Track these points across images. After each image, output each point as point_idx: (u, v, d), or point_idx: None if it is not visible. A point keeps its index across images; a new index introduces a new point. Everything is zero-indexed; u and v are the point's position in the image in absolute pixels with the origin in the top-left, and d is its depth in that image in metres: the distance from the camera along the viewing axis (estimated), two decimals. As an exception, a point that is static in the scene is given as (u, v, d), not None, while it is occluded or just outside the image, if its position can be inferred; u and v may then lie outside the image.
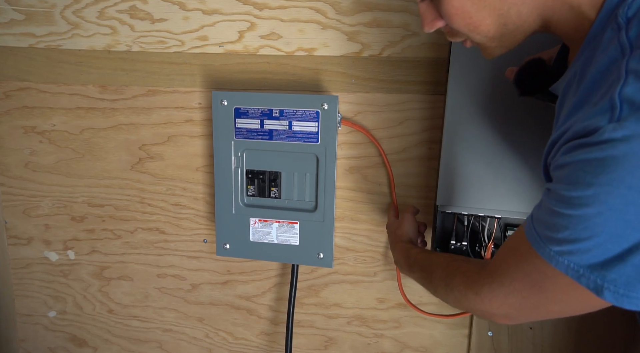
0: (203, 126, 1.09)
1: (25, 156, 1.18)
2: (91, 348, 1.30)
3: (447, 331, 1.10)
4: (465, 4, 0.56)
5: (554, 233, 0.48)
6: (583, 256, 0.46)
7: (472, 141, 0.87)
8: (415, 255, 0.81)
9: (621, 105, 0.43)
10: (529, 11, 0.55)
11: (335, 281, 1.12)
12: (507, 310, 0.58)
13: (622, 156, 0.42)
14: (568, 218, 0.46)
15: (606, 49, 0.49)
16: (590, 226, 0.45)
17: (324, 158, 0.97)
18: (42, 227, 1.23)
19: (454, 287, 0.65)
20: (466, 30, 0.58)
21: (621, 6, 0.49)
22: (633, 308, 0.47)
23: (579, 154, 0.45)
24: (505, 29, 0.57)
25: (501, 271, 0.57)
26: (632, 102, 0.43)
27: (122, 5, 1.04)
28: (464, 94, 0.86)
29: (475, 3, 0.55)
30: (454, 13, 0.57)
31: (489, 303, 0.59)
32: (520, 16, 0.55)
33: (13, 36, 1.10)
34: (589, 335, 1.03)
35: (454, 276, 0.66)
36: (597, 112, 0.45)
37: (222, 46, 1.03)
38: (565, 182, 0.46)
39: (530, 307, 0.55)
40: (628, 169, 0.42)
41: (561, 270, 0.48)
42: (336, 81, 1.01)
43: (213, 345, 1.23)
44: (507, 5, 0.55)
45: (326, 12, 0.97)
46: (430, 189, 1.02)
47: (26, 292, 1.29)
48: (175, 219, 1.16)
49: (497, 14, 0.55)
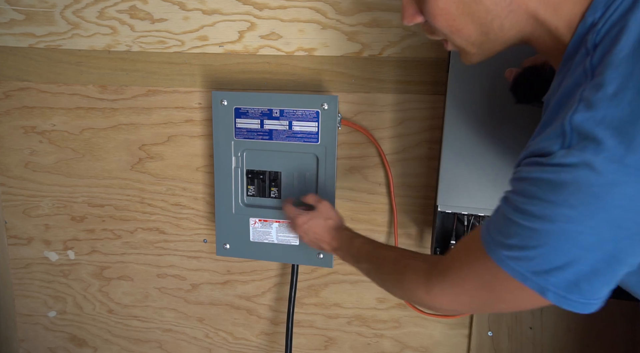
0: (203, 126, 1.09)
1: (25, 156, 1.19)
2: (91, 348, 1.30)
3: (447, 331, 1.10)
4: (450, 7, 0.56)
5: (506, 239, 0.51)
6: (529, 263, 0.50)
7: (472, 141, 0.87)
8: (360, 245, 0.81)
9: (571, 133, 0.46)
10: (511, 26, 0.56)
11: (335, 281, 1.12)
12: (456, 307, 0.61)
13: (569, 181, 0.45)
14: (519, 226, 0.50)
15: (574, 72, 0.51)
16: (537, 237, 0.48)
17: (324, 158, 0.97)
18: (42, 227, 1.23)
19: (404, 284, 0.67)
20: (447, 31, 0.59)
21: (591, 32, 0.50)
22: (572, 309, 0.51)
23: (535, 172, 0.48)
24: (486, 38, 0.57)
25: (454, 271, 0.60)
26: (579, 131, 0.46)
27: (122, 5, 1.04)
28: (464, 94, 0.86)
29: (460, 7, 0.55)
30: (438, 13, 0.57)
31: (439, 300, 0.62)
32: (502, 29, 0.56)
33: (13, 36, 1.10)
34: (589, 335, 1.03)
35: (404, 273, 0.68)
36: (552, 136, 0.48)
37: (222, 46, 1.03)
38: (521, 194, 0.50)
39: (480, 305, 0.59)
40: (572, 191, 0.45)
41: (509, 273, 0.51)
42: (336, 81, 1.01)
43: (213, 345, 1.23)
44: (491, 16, 0.55)
45: (326, 12, 0.97)
46: (430, 189, 1.02)
47: (26, 292, 1.29)
48: (175, 219, 1.16)
49: (480, 22, 0.56)
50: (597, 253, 0.47)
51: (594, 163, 0.44)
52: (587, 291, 0.50)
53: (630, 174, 0.43)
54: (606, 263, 0.48)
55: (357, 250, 0.81)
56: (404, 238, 1.06)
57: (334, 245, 0.86)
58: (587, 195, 0.45)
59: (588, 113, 0.45)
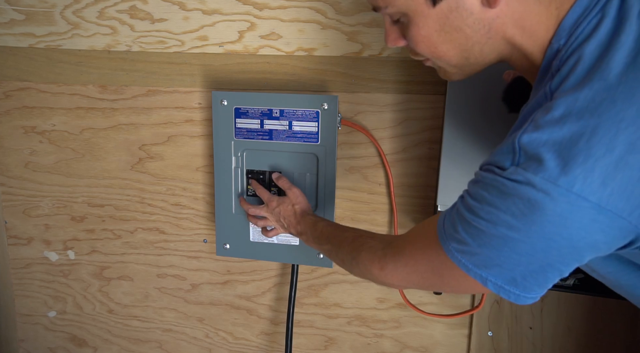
0: (203, 126, 1.09)
1: (25, 156, 1.19)
2: (91, 348, 1.30)
3: (447, 331, 1.10)
4: (432, 35, 0.58)
5: (456, 233, 0.56)
6: (473, 257, 0.55)
7: (472, 141, 0.87)
8: (322, 228, 0.85)
9: (519, 151, 0.50)
10: (490, 51, 0.59)
11: (335, 281, 1.12)
12: (406, 284, 0.67)
13: (513, 193, 0.50)
14: (468, 225, 0.54)
15: (538, 93, 0.54)
16: (481, 237, 0.53)
17: (324, 158, 0.97)
18: (42, 227, 1.23)
19: (360, 261, 0.72)
20: (429, 56, 0.62)
21: (556, 57, 0.53)
22: (508, 299, 0.56)
23: (489, 179, 0.52)
24: (466, 62, 0.60)
25: (408, 253, 0.65)
26: (525, 150, 0.49)
27: (122, 5, 1.04)
28: (464, 94, 0.86)
29: (441, 35, 0.58)
30: (420, 41, 0.60)
31: (391, 278, 0.67)
32: (482, 53, 0.59)
33: (13, 36, 1.10)
34: (589, 335, 1.03)
35: (360, 251, 0.73)
36: (505, 151, 0.52)
37: (222, 46, 1.03)
38: (474, 197, 0.54)
39: (428, 285, 0.66)
40: (515, 202, 0.50)
41: (455, 263, 0.57)
42: (336, 81, 1.01)
43: (213, 345, 1.23)
44: (472, 43, 0.58)
45: (326, 12, 0.97)
46: (430, 189, 1.02)
47: (26, 292, 1.29)
48: (175, 219, 1.16)
49: (461, 49, 0.59)
50: (531, 259, 0.52)
51: (534, 181, 0.48)
52: (522, 287, 0.55)
53: (561, 194, 0.47)
54: (539, 267, 0.53)
55: (320, 232, 0.85)
56: (404, 238, 1.06)
57: (299, 228, 0.90)
58: (526, 208, 0.49)
59: (535, 134, 0.49)
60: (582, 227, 0.48)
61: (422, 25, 0.58)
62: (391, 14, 0.61)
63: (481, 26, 0.56)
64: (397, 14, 0.60)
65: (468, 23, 0.56)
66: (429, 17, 0.57)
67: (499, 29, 0.56)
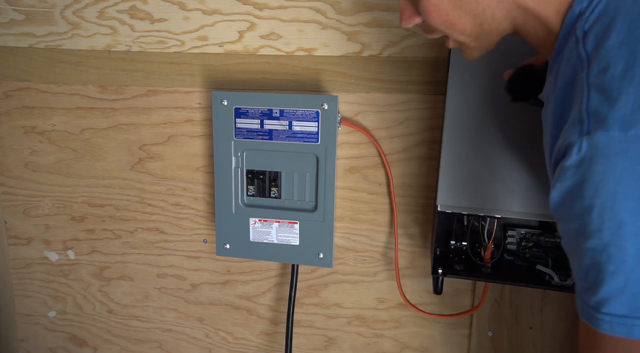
0: (203, 126, 1.09)
1: (25, 156, 1.19)
2: (91, 348, 1.30)
3: (447, 331, 1.10)
4: (442, 2, 0.58)
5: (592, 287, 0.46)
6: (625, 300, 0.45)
7: (472, 141, 0.87)
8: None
9: (588, 119, 0.47)
10: (502, 16, 0.58)
11: (335, 281, 1.12)
12: None
13: (598, 171, 0.46)
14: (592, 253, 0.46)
15: (568, 61, 0.52)
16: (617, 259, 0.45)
17: (324, 158, 0.97)
18: (42, 227, 1.23)
19: None
20: (443, 27, 0.60)
21: (579, 19, 0.51)
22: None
23: (561, 186, 0.48)
24: (481, 29, 0.59)
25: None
26: (596, 115, 0.47)
27: (122, 5, 1.04)
28: (464, 94, 0.86)
29: (452, 2, 0.57)
30: (432, 10, 0.59)
31: None
32: (494, 19, 0.58)
33: (13, 36, 1.10)
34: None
35: None
36: (570, 129, 0.49)
37: (222, 46, 1.03)
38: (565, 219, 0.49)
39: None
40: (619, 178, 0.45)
41: (613, 333, 0.45)
42: (336, 81, 1.01)
43: (213, 345, 1.23)
44: (482, 7, 0.57)
45: (326, 12, 0.97)
46: (430, 189, 1.02)
47: (26, 292, 1.29)
48: (175, 219, 1.16)
49: (472, 14, 0.58)
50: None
51: (604, 142, 0.45)
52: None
53: (626, 149, 0.44)
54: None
55: None
56: (404, 238, 1.06)
57: None
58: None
59: (601, 96, 0.47)
60: None
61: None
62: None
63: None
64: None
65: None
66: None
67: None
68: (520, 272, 0.93)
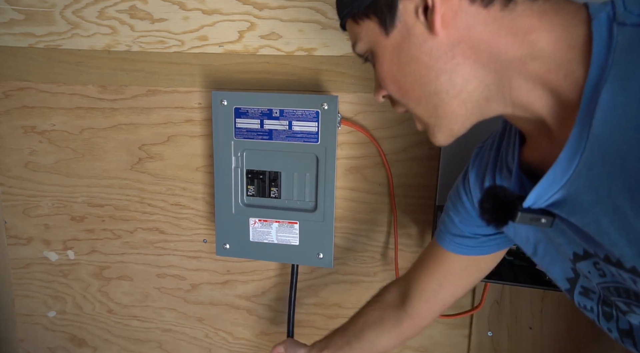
0: (203, 126, 1.09)
1: (25, 156, 1.18)
2: (91, 348, 1.30)
3: (447, 331, 1.10)
4: (392, 68, 0.54)
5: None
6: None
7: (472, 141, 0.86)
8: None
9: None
10: (465, 79, 0.51)
11: (335, 281, 1.12)
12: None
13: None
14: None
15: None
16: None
17: (324, 158, 0.97)
18: (41, 227, 1.23)
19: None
20: (399, 96, 0.56)
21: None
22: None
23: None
24: (438, 100, 0.53)
25: None
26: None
27: (122, 5, 1.04)
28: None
29: (401, 68, 0.53)
30: (385, 76, 0.56)
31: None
32: (453, 85, 0.52)
33: (13, 36, 1.10)
34: (589, 335, 1.03)
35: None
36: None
37: (222, 46, 1.03)
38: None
39: None
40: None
41: None
42: (336, 81, 1.01)
43: (213, 345, 1.23)
44: (435, 73, 0.51)
45: (326, 12, 0.97)
46: (430, 189, 1.02)
47: (26, 292, 1.29)
48: (175, 219, 1.16)
49: (422, 81, 0.52)
50: None
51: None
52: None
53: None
54: None
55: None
56: (404, 238, 1.06)
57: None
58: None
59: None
60: None
61: (383, 58, 0.55)
62: (361, 52, 0.59)
63: (442, 53, 0.50)
64: (365, 51, 0.58)
65: (424, 50, 0.51)
66: (386, 49, 0.54)
67: (469, 53, 0.50)
68: (520, 272, 0.93)
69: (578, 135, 0.46)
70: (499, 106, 0.53)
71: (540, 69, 0.48)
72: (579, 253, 0.54)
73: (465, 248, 0.73)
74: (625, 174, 0.44)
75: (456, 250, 0.73)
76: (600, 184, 0.46)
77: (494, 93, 0.52)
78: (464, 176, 0.72)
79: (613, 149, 0.44)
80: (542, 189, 0.51)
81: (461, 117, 0.55)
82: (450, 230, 0.73)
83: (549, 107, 0.50)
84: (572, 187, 0.49)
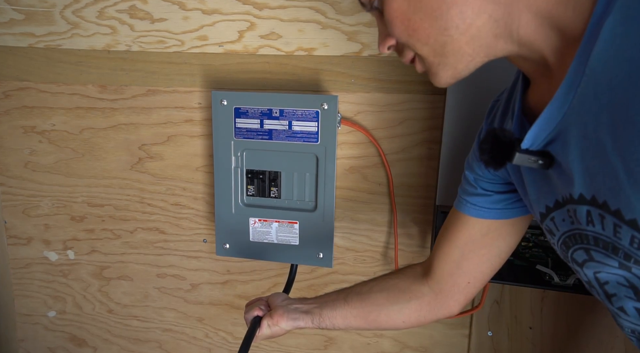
0: (203, 126, 1.09)
1: (25, 156, 1.18)
2: (91, 348, 1.30)
3: (447, 331, 1.10)
4: (402, 5, 0.52)
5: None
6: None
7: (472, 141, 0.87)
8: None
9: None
10: (475, 13, 0.50)
11: (335, 281, 1.12)
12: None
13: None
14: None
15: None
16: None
17: (324, 158, 0.97)
18: (41, 227, 1.23)
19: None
20: (406, 37, 0.54)
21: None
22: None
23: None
24: (447, 37, 0.52)
25: None
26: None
27: (121, 5, 1.04)
28: (464, 94, 0.86)
29: (412, 4, 0.52)
30: (393, 16, 0.54)
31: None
32: (463, 19, 0.50)
33: (13, 36, 1.10)
34: (589, 335, 1.03)
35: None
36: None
37: (221, 46, 1.03)
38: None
39: None
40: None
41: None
42: (336, 81, 1.01)
43: (213, 345, 1.23)
44: (446, 5, 0.50)
45: (326, 12, 0.97)
46: (430, 189, 1.02)
47: (26, 292, 1.29)
48: (175, 219, 1.16)
49: (435, 15, 0.51)
50: None
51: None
52: None
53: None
54: None
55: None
56: (404, 238, 1.06)
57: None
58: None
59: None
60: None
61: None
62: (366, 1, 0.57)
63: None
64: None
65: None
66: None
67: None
68: (520, 272, 0.93)
69: (575, 69, 0.45)
70: (506, 43, 0.52)
71: (548, 3, 0.48)
72: (559, 200, 0.54)
73: (481, 210, 0.70)
74: (612, 108, 0.43)
75: (472, 213, 0.71)
76: (589, 118, 0.45)
77: (502, 29, 0.51)
78: (479, 132, 0.71)
79: (605, 82, 0.43)
80: (539, 128, 0.51)
81: (467, 56, 0.54)
82: (467, 190, 0.71)
83: (553, 45, 0.50)
84: (566, 123, 0.48)
